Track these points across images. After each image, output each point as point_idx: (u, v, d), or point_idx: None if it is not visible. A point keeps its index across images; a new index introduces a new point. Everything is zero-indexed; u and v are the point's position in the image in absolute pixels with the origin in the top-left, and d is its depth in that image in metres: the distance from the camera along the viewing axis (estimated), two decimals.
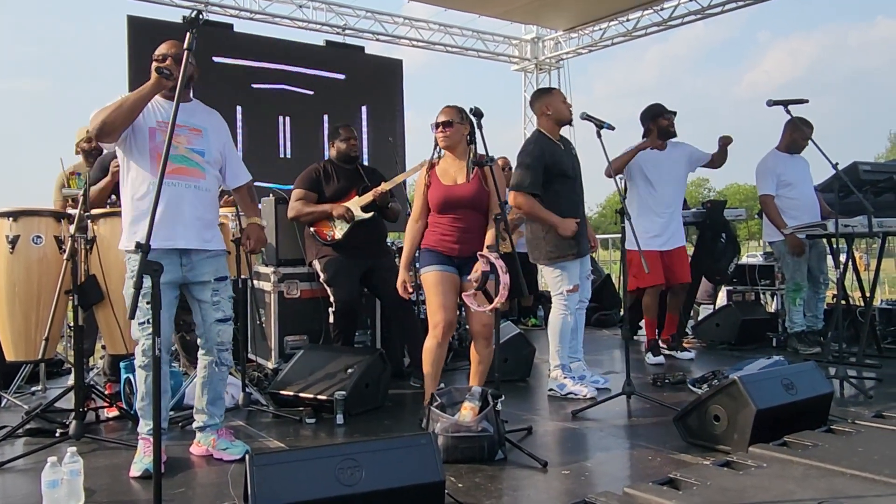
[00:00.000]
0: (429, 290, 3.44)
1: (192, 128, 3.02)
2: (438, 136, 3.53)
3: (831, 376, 3.98)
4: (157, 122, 2.95)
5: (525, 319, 7.36)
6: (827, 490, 2.22)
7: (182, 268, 2.97)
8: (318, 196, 4.56)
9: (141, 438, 2.96)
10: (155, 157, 2.89)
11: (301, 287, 4.72)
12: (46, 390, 4.46)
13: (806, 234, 4.85)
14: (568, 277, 4.18)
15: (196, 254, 3.00)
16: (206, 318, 3.07)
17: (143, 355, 2.92)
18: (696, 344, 5.91)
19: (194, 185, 3.00)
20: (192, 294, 3.06)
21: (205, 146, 3.05)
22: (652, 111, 5.09)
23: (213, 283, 3.05)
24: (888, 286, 12.23)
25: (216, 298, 3.06)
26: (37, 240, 3.53)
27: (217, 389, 3.15)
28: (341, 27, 9.56)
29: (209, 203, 3.10)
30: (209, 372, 3.11)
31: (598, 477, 2.76)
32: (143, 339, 2.91)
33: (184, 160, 2.96)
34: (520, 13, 9.96)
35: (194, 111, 3.09)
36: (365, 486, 2.12)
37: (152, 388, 2.23)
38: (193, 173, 3.00)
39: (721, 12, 9.07)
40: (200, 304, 3.06)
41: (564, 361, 4.19)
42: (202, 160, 3.03)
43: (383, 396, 3.99)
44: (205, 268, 3.02)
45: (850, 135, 76.84)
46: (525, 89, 11.78)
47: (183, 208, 2.94)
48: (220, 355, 3.10)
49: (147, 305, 2.73)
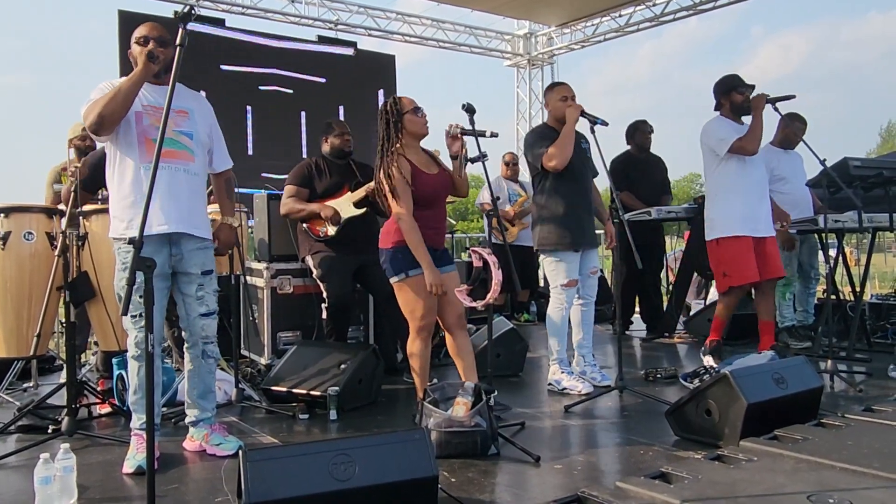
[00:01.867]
0: (420, 292, 3.28)
1: (179, 110, 2.95)
2: (424, 121, 3.39)
3: (822, 370, 4.01)
4: (143, 106, 2.89)
5: (518, 315, 7.38)
6: (817, 483, 2.24)
7: (171, 258, 2.94)
8: (310, 192, 4.55)
9: (134, 434, 2.93)
10: (143, 142, 2.85)
11: (294, 283, 4.71)
12: (38, 387, 4.44)
13: (797, 229, 4.88)
14: (565, 270, 4.10)
15: (185, 242, 2.96)
16: (189, 312, 3.05)
17: (136, 347, 2.90)
18: (688, 339, 5.94)
19: (184, 168, 2.95)
20: (177, 286, 3.04)
21: (192, 128, 3.00)
22: (726, 84, 4.52)
23: (200, 276, 3.02)
24: (878, 281, 12.30)
25: (201, 293, 3.03)
26: (28, 236, 3.51)
27: (206, 382, 3.13)
28: (333, 22, 9.53)
29: (198, 188, 3.06)
30: (196, 365, 3.10)
31: (591, 471, 2.78)
32: (134, 332, 2.89)
33: (172, 143, 2.89)
34: (512, 8, 9.95)
35: (178, 94, 2.95)
36: (358, 481, 2.13)
37: (145, 382, 2.22)
38: (182, 156, 2.95)
39: (713, 8, 9.09)
40: (185, 298, 3.04)
41: (562, 356, 4.17)
42: (191, 143, 2.98)
43: (376, 392, 4.00)
44: (193, 259, 2.99)
45: (842, 130, 77.25)
46: (517, 85, 11.77)
47: (173, 192, 2.88)
48: (205, 348, 3.09)
49: (140, 299, 2.70)
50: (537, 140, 4.17)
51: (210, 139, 3.13)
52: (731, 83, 4.50)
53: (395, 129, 3.36)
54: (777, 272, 4.47)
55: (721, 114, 4.54)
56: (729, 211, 4.37)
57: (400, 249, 3.30)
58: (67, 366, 3.31)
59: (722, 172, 4.43)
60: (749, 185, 4.40)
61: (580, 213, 4.15)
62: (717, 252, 4.45)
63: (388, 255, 3.36)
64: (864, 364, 4.46)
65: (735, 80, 4.50)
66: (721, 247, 4.41)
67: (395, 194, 3.26)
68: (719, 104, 4.55)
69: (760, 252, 4.38)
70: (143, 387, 2.69)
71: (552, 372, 4.20)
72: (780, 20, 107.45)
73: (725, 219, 4.38)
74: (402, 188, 3.26)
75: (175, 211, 2.88)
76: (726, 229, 4.37)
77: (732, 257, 4.34)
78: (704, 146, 4.51)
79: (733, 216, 4.35)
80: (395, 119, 3.36)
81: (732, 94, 4.46)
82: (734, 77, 4.53)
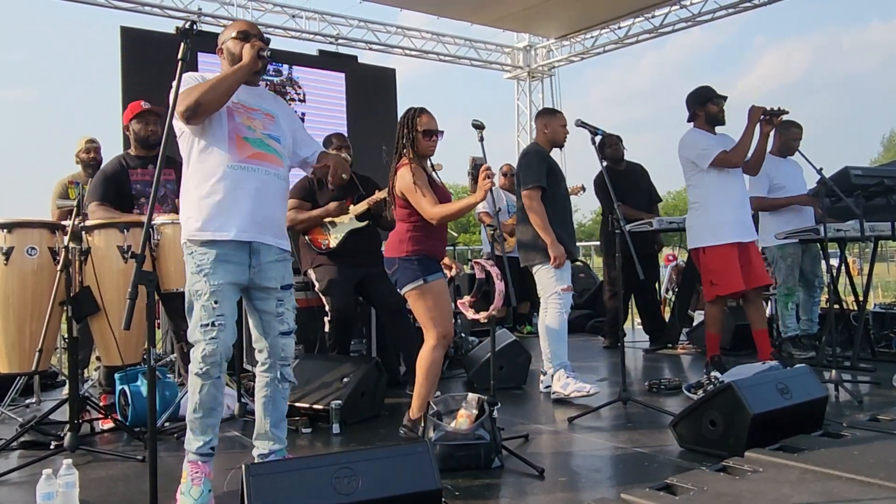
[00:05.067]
0: (438, 298, 3.30)
1: (267, 113, 2.79)
2: (433, 145, 3.42)
3: (826, 380, 3.99)
4: (234, 103, 2.69)
5: (521, 327, 7.37)
6: (823, 494, 2.23)
7: (250, 269, 2.67)
8: (312, 205, 4.56)
9: (189, 461, 2.57)
10: (234, 139, 2.65)
11: (296, 296, 4.69)
12: (41, 402, 4.44)
13: (798, 238, 4.87)
14: (562, 276, 4.21)
15: (266, 252, 2.71)
16: (268, 330, 2.77)
17: (203, 361, 2.54)
18: (692, 349, 5.93)
19: (274, 172, 2.73)
20: (252, 302, 2.77)
21: (280, 133, 2.81)
22: (702, 95, 4.60)
23: (279, 291, 2.76)
24: (881, 290, 12.28)
25: (281, 309, 2.77)
26: (31, 251, 3.51)
27: (281, 409, 2.84)
28: (334, 37, 9.59)
29: (284, 195, 2.86)
30: (272, 390, 2.80)
31: (595, 483, 2.77)
32: (203, 344, 2.54)
33: (262, 145, 2.71)
34: (511, 21, 10.02)
35: (263, 96, 2.88)
36: (361, 494, 2.11)
37: (148, 399, 2.21)
38: (272, 160, 2.73)
39: (711, 19, 9.16)
40: (262, 315, 2.77)
41: (565, 360, 4.20)
42: (279, 147, 2.78)
43: (379, 405, 3.98)
44: (272, 272, 2.73)
45: (845, 139, 77.35)
46: (517, 97, 11.83)
47: (262, 196, 2.66)
48: (282, 371, 2.80)
49: (215, 305, 2.54)
50: (528, 169, 4.28)
51: (294, 142, 2.91)
52: (706, 94, 4.58)
53: (408, 140, 3.41)
54: (762, 280, 4.51)
55: (695, 125, 4.62)
56: (713, 220, 4.43)
57: (415, 258, 3.31)
58: (70, 381, 3.30)
59: (704, 183, 4.49)
60: (731, 193, 4.47)
61: (570, 226, 4.37)
62: (703, 261, 4.50)
63: (401, 265, 3.33)
64: (869, 374, 4.44)
65: (710, 92, 4.57)
66: (707, 256, 4.45)
67: (423, 195, 3.26)
68: (694, 115, 4.63)
69: (745, 260, 4.42)
70: (206, 408, 2.56)
71: (557, 378, 4.18)
72: (782, 29, 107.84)
73: (710, 227, 4.44)
74: (424, 188, 3.29)
75: (261, 217, 2.66)
76: (712, 238, 4.42)
77: (718, 266, 4.40)
78: (684, 158, 4.58)
79: (719, 224, 4.40)
80: (409, 132, 3.42)
81: (708, 105, 4.54)
82: (708, 88, 4.61)
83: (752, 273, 4.44)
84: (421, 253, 3.33)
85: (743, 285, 4.37)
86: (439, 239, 3.43)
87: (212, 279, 2.56)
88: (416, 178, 3.28)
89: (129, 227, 3.51)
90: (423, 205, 3.26)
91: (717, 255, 4.39)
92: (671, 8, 9.34)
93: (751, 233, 4.55)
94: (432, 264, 3.36)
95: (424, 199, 3.26)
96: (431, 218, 3.26)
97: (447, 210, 3.27)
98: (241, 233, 2.60)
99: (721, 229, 4.39)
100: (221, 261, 2.58)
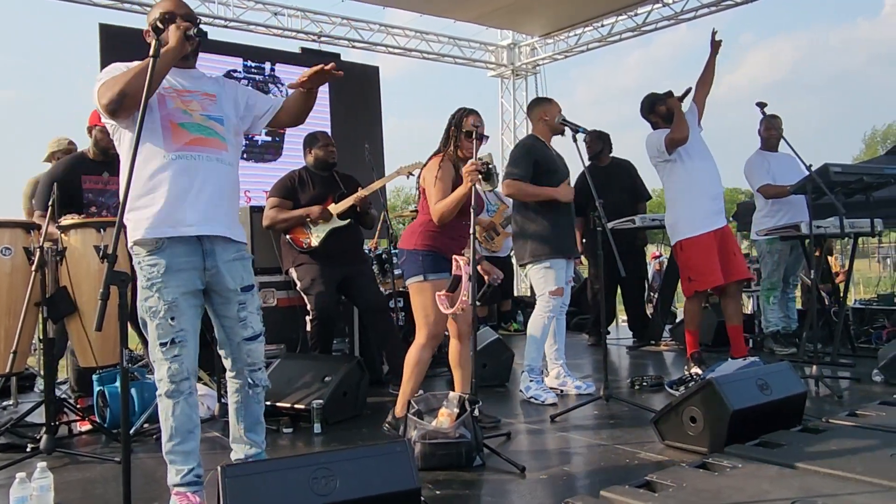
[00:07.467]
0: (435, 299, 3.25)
1: (206, 93, 2.56)
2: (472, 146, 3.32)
3: (806, 376, 4.02)
4: (164, 89, 2.47)
5: (507, 324, 7.37)
6: (801, 489, 2.24)
7: (206, 272, 2.47)
8: (294, 204, 4.52)
9: (175, 494, 2.41)
10: (168, 126, 2.43)
11: (278, 296, 4.69)
12: (18, 405, 4.38)
13: (779, 235, 4.90)
14: (554, 277, 4.14)
15: (221, 252, 2.49)
16: (232, 336, 2.57)
17: (170, 381, 2.37)
18: (675, 346, 5.95)
19: (216, 157, 2.50)
20: (212, 307, 2.56)
21: (221, 113, 2.57)
22: (648, 102, 4.77)
23: (240, 293, 2.54)
24: (862, 286, 12.39)
25: (243, 314, 2.55)
26: (6, 251, 3.46)
27: (255, 413, 2.66)
28: (317, 34, 9.53)
29: (233, 182, 2.60)
30: (242, 396, 2.62)
31: (576, 480, 2.77)
32: (167, 363, 2.37)
33: (200, 129, 2.49)
34: (495, 18, 10.00)
35: (201, 78, 2.63)
36: (339, 495, 2.09)
37: (121, 400, 2.15)
38: (213, 143, 2.51)
39: (694, 17, 9.18)
40: (223, 321, 2.56)
41: (536, 364, 4.17)
42: (221, 128, 2.54)
43: (362, 405, 3.96)
44: (230, 273, 2.51)
45: (828, 136, 77.97)
46: (501, 95, 11.82)
47: (206, 186, 2.44)
48: (251, 376, 2.60)
49: (172, 322, 2.36)
50: (513, 163, 4.23)
51: (243, 115, 2.67)
52: (651, 100, 4.75)
53: (452, 137, 3.46)
54: (741, 274, 4.52)
55: (655, 129, 4.74)
56: (688, 211, 4.45)
57: (422, 252, 3.33)
58: (46, 383, 3.26)
59: (673, 177, 4.55)
60: (701, 183, 4.49)
61: (568, 221, 4.26)
62: (681, 256, 4.51)
63: (408, 257, 3.36)
64: (848, 369, 4.48)
65: (653, 96, 4.76)
66: (685, 251, 4.46)
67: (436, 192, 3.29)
68: (651, 123, 4.76)
69: (725, 252, 4.42)
70: (182, 432, 2.39)
71: (522, 379, 4.20)
72: (769, 27, 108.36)
73: (686, 219, 4.46)
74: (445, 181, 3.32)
75: (209, 209, 2.45)
76: (687, 230, 4.43)
77: (698, 260, 4.40)
78: (652, 159, 4.65)
79: (693, 215, 4.42)
80: (454, 130, 3.46)
81: (657, 108, 4.69)
82: (650, 95, 4.79)
83: (732, 266, 4.42)
84: (429, 248, 3.34)
85: (722, 279, 4.37)
86: (454, 237, 3.38)
87: (165, 294, 2.37)
88: (441, 173, 3.31)
89: (105, 227, 3.46)
90: (431, 201, 3.30)
91: (697, 248, 4.39)
92: (653, 6, 9.36)
93: (723, 218, 4.58)
94: (440, 262, 3.33)
95: (434, 196, 3.28)
96: (433, 214, 3.29)
97: (443, 205, 3.28)
98: (187, 228, 2.39)
99: (695, 220, 4.41)
100: (173, 271, 2.38)
